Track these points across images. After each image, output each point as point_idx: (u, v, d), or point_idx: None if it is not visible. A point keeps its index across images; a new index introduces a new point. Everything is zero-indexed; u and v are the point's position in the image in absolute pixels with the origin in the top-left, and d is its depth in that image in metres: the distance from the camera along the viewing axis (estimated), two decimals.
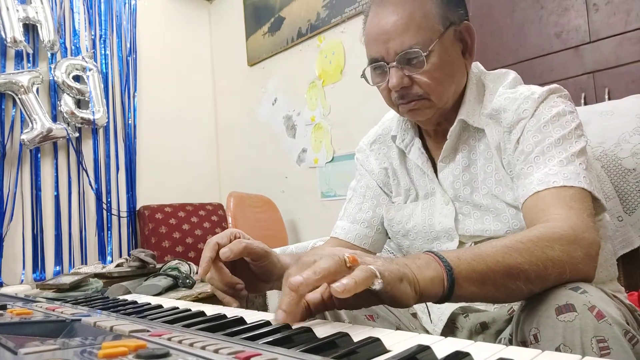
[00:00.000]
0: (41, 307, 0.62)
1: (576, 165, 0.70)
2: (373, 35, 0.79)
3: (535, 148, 0.74)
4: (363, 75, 0.84)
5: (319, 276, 0.47)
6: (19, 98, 2.47)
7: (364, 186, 0.98)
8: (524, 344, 0.57)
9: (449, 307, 0.83)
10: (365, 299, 0.51)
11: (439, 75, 0.77)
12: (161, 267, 2.09)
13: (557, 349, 0.52)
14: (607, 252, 0.84)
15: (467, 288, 0.54)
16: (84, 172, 2.73)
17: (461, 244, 0.84)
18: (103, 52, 2.90)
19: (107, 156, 2.86)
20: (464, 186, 0.83)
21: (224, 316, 0.54)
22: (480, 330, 0.81)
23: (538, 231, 0.61)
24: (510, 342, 0.65)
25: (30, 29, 2.58)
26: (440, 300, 0.54)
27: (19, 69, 2.53)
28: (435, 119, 0.84)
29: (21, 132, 2.50)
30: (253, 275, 0.76)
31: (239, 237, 0.72)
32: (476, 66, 0.89)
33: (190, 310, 0.59)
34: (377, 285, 0.47)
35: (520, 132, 0.77)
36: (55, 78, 2.62)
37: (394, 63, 0.77)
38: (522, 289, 0.56)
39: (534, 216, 0.68)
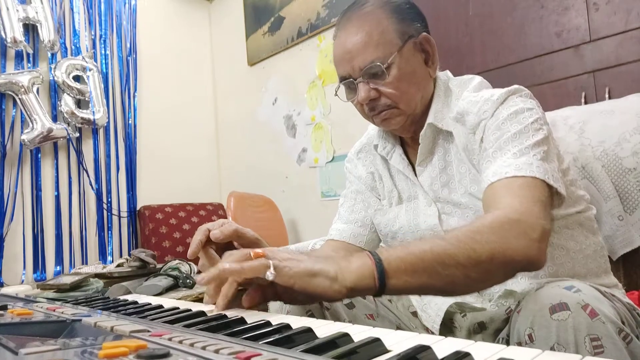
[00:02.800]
0: (42, 307, 0.62)
1: (529, 157, 0.72)
2: (339, 56, 0.86)
3: (494, 144, 0.77)
4: (336, 94, 0.91)
5: (217, 271, 0.57)
6: (19, 98, 2.47)
7: (354, 191, 1.02)
8: (519, 345, 0.57)
9: (445, 303, 0.85)
10: (286, 294, 0.59)
11: (403, 84, 0.83)
12: (162, 267, 2.10)
13: (552, 349, 0.52)
14: (595, 245, 0.86)
15: (400, 277, 0.57)
16: (85, 172, 2.73)
17: None
18: (103, 52, 2.90)
19: (108, 156, 2.86)
20: (442, 187, 0.87)
21: (225, 316, 0.54)
22: (479, 330, 0.82)
23: (472, 222, 0.65)
24: (508, 343, 0.65)
25: (30, 29, 2.58)
26: (377, 292, 0.58)
27: (19, 69, 2.53)
28: (408, 127, 0.88)
29: (21, 132, 2.50)
30: None
31: None
32: (445, 74, 0.94)
33: (190, 310, 0.59)
34: (269, 276, 0.54)
35: (482, 132, 0.80)
36: (56, 78, 2.62)
37: (360, 78, 0.83)
38: (456, 274, 0.58)
39: (487, 207, 0.71)
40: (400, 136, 0.95)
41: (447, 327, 0.85)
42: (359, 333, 0.42)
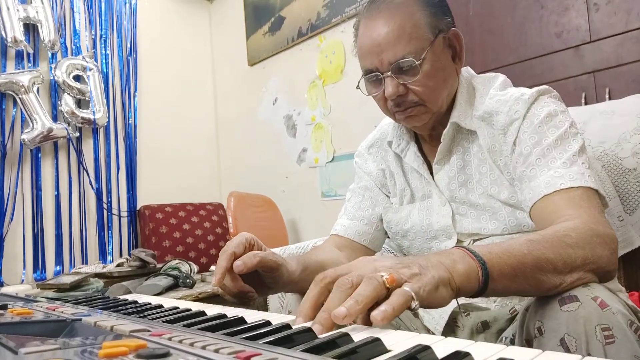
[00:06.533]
0: (42, 306, 0.62)
1: (579, 165, 0.71)
2: (366, 47, 0.81)
3: (534, 150, 0.75)
4: (358, 87, 0.87)
5: (361, 305, 0.46)
6: (19, 98, 2.47)
7: (363, 187, 1.00)
8: (528, 341, 0.57)
9: (450, 305, 0.83)
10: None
11: (432, 81, 0.80)
12: (162, 267, 2.10)
13: (562, 340, 0.51)
14: None
15: (500, 281, 0.54)
16: (85, 172, 2.73)
17: (459, 242, 0.85)
18: (103, 51, 2.90)
19: (108, 156, 2.86)
20: (460, 187, 0.85)
21: (225, 316, 0.54)
22: (482, 330, 0.82)
23: (554, 227, 0.62)
24: (512, 342, 0.65)
25: (30, 28, 2.58)
26: (474, 295, 0.54)
27: (19, 69, 2.53)
28: (430, 124, 0.86)
29: (22, 132, 2.50)
30: (260, 280, 0.75)
31: (254, 244, 0.71)
32: (466, 70, 0.91)
33: (190, 310, 0.59)
34: (414, 306, 0.47)
35: (516, 134, 0.78)
36: (56, 78, 2.62)
37: (389, 73, 0.79)
38: (552, 280, 0.55)
39: (546, 218, 0.69)
40: (415, 133, 0.92)
41: (450, 327, 0.85)
42: (359, 333, 0.42)
